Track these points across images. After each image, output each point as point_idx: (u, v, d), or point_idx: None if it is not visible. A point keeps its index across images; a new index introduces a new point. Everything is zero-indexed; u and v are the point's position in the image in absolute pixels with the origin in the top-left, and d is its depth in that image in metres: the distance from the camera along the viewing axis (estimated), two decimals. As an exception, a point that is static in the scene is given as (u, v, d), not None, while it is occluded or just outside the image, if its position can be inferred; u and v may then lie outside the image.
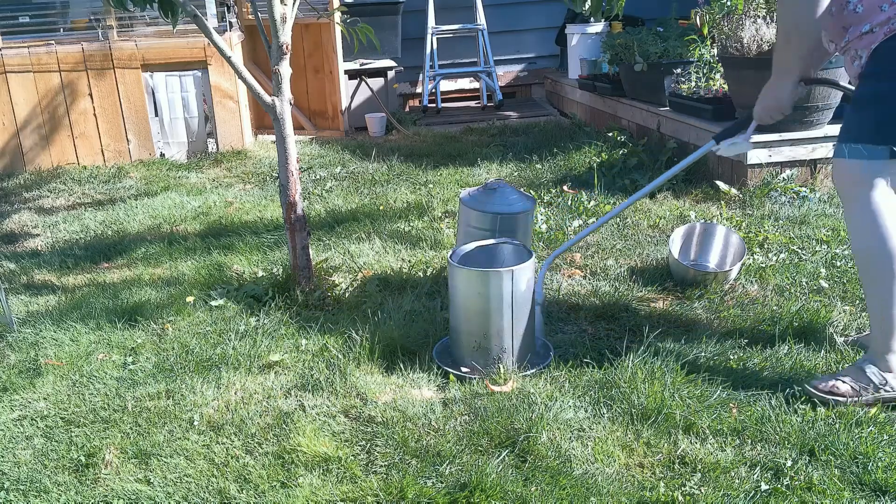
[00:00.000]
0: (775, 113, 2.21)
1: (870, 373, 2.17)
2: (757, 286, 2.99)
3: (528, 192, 4.20)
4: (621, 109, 5.46)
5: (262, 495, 1.92)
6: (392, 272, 3.26)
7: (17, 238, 4.13)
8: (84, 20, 5.69)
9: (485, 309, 2.40)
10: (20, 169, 5.45)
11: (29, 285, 3.39)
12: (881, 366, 2.18)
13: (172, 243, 3.78)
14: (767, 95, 2.23)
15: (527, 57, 7.52)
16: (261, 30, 3.04)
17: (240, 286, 3.12)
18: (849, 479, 1.90)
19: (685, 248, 3.23)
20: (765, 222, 3.65)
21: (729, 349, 2.52)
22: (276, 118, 2.90)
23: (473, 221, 2.90)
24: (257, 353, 2.59)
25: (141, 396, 2.39)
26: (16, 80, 5.32)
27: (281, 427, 2.19)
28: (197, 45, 5.40)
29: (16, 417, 2.32)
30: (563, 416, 2.16)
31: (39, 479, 2.01)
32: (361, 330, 2.68)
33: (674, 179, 4.31)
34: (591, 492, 1.88)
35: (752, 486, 1.88)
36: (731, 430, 2.09)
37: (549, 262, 2.77)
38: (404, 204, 4.26)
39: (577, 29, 6.36)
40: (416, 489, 1.89)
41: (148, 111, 5.50)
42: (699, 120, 4.42)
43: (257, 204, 4.44)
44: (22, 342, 2.78)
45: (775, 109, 2.20)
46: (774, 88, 2.20)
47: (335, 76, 6.22)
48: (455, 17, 7.00)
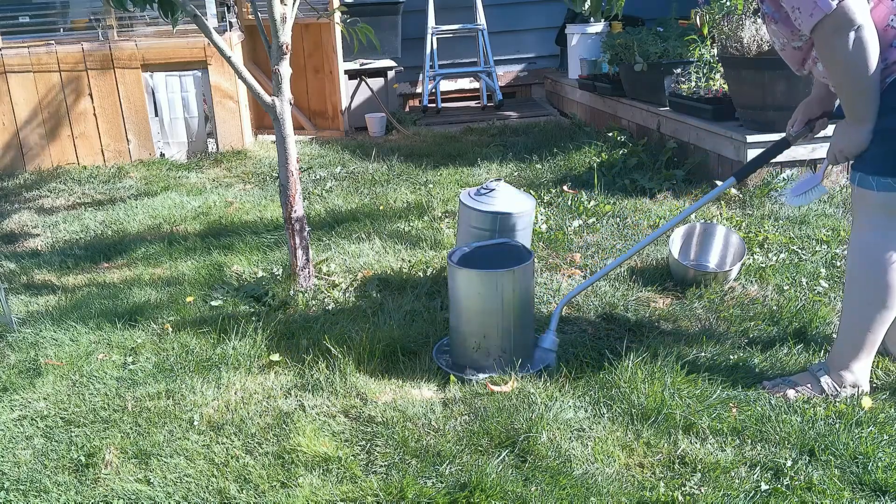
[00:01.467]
0: (852, 156, 2.16)
1: (824, 383, 2.23)
2: (757, 286, 2.99)
3: (528, 192, 4.20)
4: (621, 109, 5.46)
5: (262, 495, 1.92)
6: (392, 272, 3.26)
7: (17, 238, 4.13)
8: (84, 20, 5.69)
9: (485, 309, 2.40)
10: (20, 169, 5.45)
11: (29, 285, 3.39)
12: (834, 378, 2.22)
13: (172, 243, 3.78)
14: (845, 139, 2.11)
15: (527, 57, 7.52)
16: (261, 30, 3.04)
17: (240, 286, 3.12)
18: (849, 479, 1.90)
19: (685, 248, 3.23)
20: (765, 222, 3.65)
21: (729, 349, 2.52)
22: (276, 118, 2.90)
23: (473, 221, 2.90)
24: (257, 353, 2.59)
25: (141, 396, 2.39)
26: (16, 80, 5.32)
27: (281, 427, 2.19)
28: (197, 45, 5.40)
29: (16, 417, 2.32)
30: (563, 416, 2.16)
31: (39, 479, 2.01)
32: (361, 330, 2.68)
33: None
34: (591, 492, 1.88)
35: (752, 486, 1.88)
36: (731, 430, 2.09)
37: (562, 305, 2.68)
38: (404, 204, 4.26)
39: (577, 29, 6.36)
40: (416, 489, 1.89)
41: (148, 111, 5.50)
42: (699, 120, 4.42)
43: (257, 204, 4.44)
44: (22, 342, 2.78)
45: (853, 153, 2.14)
46: (854, 134, 2.08)
47: (335, 76, 6.22)
48: (455, 17, 7.00)
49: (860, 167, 2.10)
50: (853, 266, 2.17)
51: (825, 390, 2.21)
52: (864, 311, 2.15)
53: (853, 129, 2.08)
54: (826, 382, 2.22)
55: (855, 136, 2.08)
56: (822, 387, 2.22)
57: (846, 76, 1.99)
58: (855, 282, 2.17)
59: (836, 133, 2.15)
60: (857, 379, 2.21)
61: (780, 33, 2.11)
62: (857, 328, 2.18)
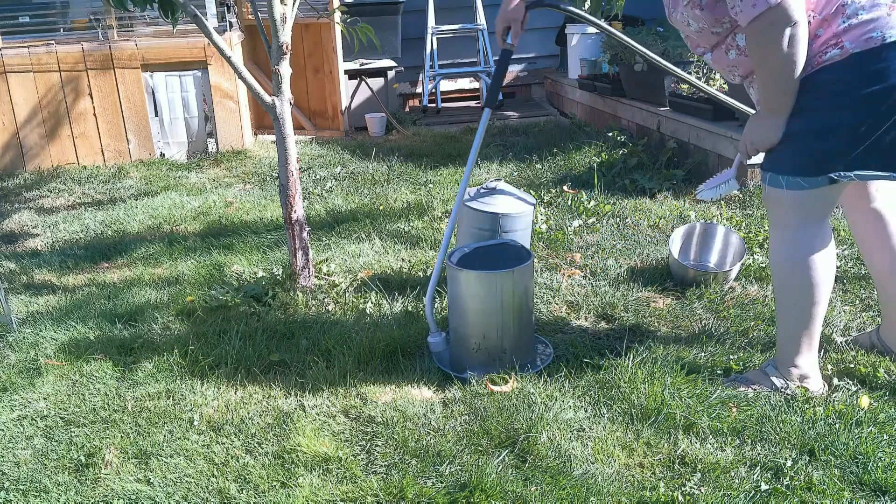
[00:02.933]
0: (763, 148, 2.16)
1: (774, 379, 2.27)
2: (757, 286, 2.99)
3: (528, 192, 4.20)
4: (621, 109, 5.46)
5: (262, 495, 1.93)
6: (392, 272, 3.25)
7: (17, 238, 4.13)
8: (84, 20, 5.70)
9: (484, 310, 2.40)
10: (20, 169, 5.46)
11: (29, 285, 3.39)
12: (783, 373, 2.27)
13: (172, 243, 3.78)
14: (758, 132, 2.12)
15: (527, 57, 7.52)
16: (261, 30, 3.04)
17: (240, 286, 3.12)
18: (849, 479, 1.90)
19: (685, 248, 3.23)
20: (765, 222, 3.64)
21: (729, 349, 2.52)
22: (276, 118, 2.90)
23: (473, 221, 2.90)
24: (257, 353, 2.59)
25: (141, 396, 2.39)
26: (16, 79, 5.32)
27: (281, 427, 2.19)
28: (197, 45, 5.40)
29: (16, 417, 2.32)
30: (563, 416, 2.16)
31: (39, 479, 2.01)
32: (361, 330, 2.68)
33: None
34: (591, 492, 1.88)
35: (752, 486, 1.88)
36: (731, 430, 2.09)
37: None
38: (404, 204, 4.26)
39: (577, 29, 6.36)
40: (416, 489, 1.89)
41: (148, 111, 5.50)
42: (699, 120, 4.42)
43: (257, 204, 4.44)
44: (22, 342, 2.78)
45: (765, 145, 2.14)
46: (766, 126, 2.09)
47: (335, 76, 6.22)
48: (455, 17, 7.00)
49: (770, 167, 2.12)
50: (774, 267, 2.20)
51: (776, 385, 2.26)
52: (793, 310, 2.19)
53: (766, 122, 2.09)
54: (775, 379, 2.27)
55: (767, 128, 2.09)
56: (774, 382, 2.26)
57: (773, 69, 2.00)
58: (779, 282, 2.21)
59: (749, 125, 2.18)
60: (804, 372, 2.25)
61: (701, 18, 2.11)
62: (792, 326, 2.22)
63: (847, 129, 1.96)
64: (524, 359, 2.46)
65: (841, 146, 1.98)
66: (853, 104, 1.95)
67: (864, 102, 1.93)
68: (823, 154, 2.01)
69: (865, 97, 1.93)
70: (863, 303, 2.81)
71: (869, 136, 1.94)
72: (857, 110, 1.95)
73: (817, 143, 2.01)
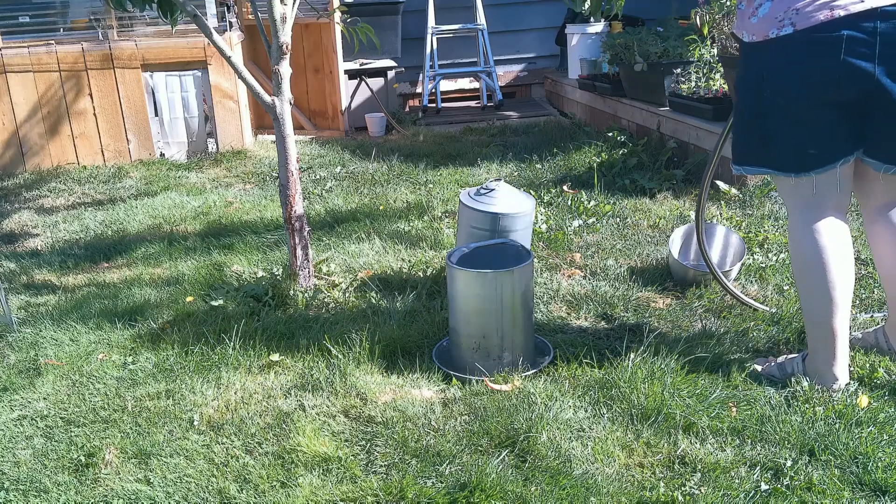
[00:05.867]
0: None
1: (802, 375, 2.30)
2: (757, 286, 2.99)
3: (528, 192, 4.20)
4: (621, 109, 5.46)
5: (262, 495, 1.92)
6: (392, 272, 3.26)
7: (17, 238, 4.13)
8: (84, 20, 5.69)
9: (484, 310, 2.40)
10: (20, 169, 5.46)
11: (29, 285, 3.39)
12: (810, 370, 2.29)
13: (172, 243, 3.78)
14: None
15: (527, 57, 7.52)
16: (261, 30, 3.04)
17: (240, 286, 3.12)
18: (849, 479, 1.90)
19: (685, 248, 3.22)
20: (765, 222, 3.65)
21: (729, 349, 2.52)
22: (276, 118, 2.90)
23: (473, 221, 2.90)
24: (257, 353, 2.59)
25: (141, 396, 2.39)
26: (16, 79, 5.32)
27: (281, 427, 2.19)
28: (197, 45, 5.40)
29: (16, 417, 2.32)
30: (563, 416, 2.16)
31: (39, 479, 2.01)
32: (361, 330, 2.68)
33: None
34: (591, 492, 1.88)
35: (752, 486, 1.88)
36: (731, 430, 2.09)
37: None
38: (404, 204, 4.26)
39: (577, 29, 6.36)
40: (415, 489, 1.89)
41: (148, 111, 5.50)
42: (699, 120, 4.41)
43: (257, 204, 4.44)
44: (22, 342, 2.78)
45: None
46: None
47: (335, 76, 6.23)
48: (455, 17, 7.00)
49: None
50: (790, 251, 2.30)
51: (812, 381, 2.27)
52: (804, 301, 2.25)
53: None
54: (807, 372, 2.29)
55: None
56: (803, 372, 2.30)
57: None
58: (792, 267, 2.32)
59: None
60: (830, 370, 2.25)
61: None
62: (806, 317, 2.26)
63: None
64: (524, 359, 2.46)
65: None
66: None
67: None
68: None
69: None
70: (863, 303, 2.81)
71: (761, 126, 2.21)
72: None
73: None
